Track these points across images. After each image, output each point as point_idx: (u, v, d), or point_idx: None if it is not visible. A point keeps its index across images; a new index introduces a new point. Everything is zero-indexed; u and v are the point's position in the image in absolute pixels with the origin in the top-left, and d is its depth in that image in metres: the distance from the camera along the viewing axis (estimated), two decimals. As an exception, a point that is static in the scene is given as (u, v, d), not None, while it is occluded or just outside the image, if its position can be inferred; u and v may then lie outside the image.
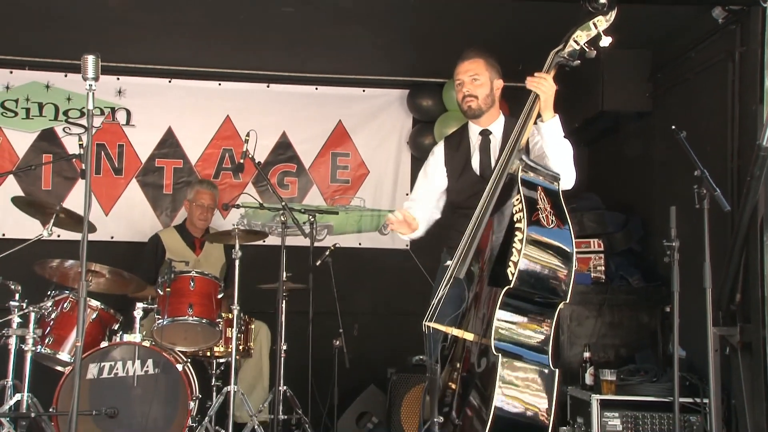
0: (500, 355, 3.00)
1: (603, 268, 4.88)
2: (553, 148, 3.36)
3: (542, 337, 3.13)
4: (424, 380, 3.71)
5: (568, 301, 3.12)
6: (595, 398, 4.16)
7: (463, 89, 3.58)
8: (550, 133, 3.35)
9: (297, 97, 6.09)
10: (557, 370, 3.10)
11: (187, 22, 5.00)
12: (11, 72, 5.78)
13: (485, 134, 3.62)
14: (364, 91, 6.14)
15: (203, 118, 6.04)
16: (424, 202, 3.69)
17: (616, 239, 5.07)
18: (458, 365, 3.28)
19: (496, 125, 3.62)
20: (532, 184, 3.18)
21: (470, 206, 3.39)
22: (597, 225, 5.08)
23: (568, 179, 3.38)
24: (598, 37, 3.25)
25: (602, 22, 3.24)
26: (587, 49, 3.27)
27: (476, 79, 3.56)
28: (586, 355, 4.44)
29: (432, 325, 3.26)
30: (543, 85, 3.28)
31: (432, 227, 3.75)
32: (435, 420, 3.07)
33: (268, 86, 6.08)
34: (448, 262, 3.39)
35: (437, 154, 3.72)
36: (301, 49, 5.51)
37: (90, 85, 3.15)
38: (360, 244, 6.07)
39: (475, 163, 3.60)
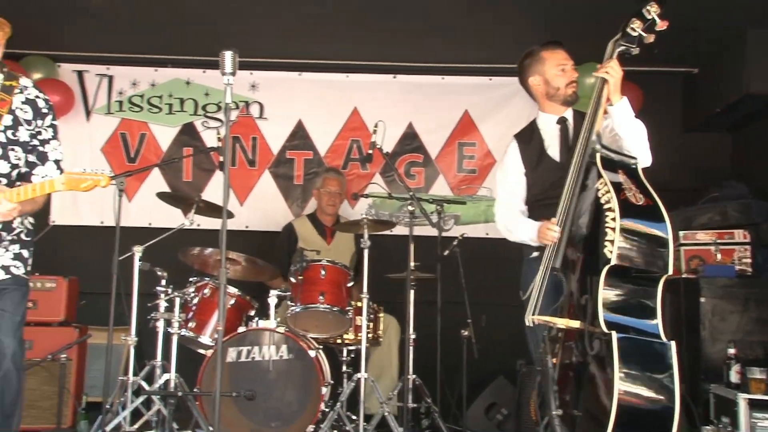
0: (613, 332, 2.96)
1: (749, 260, 4.66)
2: (627, 129, 3.37)
3: (651, 311, 3.11)
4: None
5: (669, 273, 3.09)
6: (743, 397, 3.99)
7: (569, 75, 3.62)
8: (622, 114, 3.37)
9: (423, 87, 6.13)
10: (673, 342, 3.04)
11: (316, 15, 5.13)
12: (156, 70, 6.12)
13: (563, 122, 3.64)
14: (490, 79, 6.09)
15: (332, 110, 6.17)
16: (519, 200, 3.66)
17: (763, 230, 4.83)
18: (567, 355, 3.24)
19: (569, 113, 3.66)
20: (612, 167, 3.21)
21: (550, 196, 3.41)
22: (742, 215, 4.87)
23: (644, 158, 3.38)
24: (653, 23, 3.24)
25: (655, 7, 3.22)
26: (644, 35, 3.26)
27: (573, 68, 3.64)
28: (731, 351, 4.26)
29: (537, 318, 3.24)
30: (612, 70, 3.30)
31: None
32: (554, 413, 3.04)
33: (394, 77, 6.14)
34: (534, 254, 3.43)
35: (511, 151, 3.71)
36: (427, 39, 5.54)
37: (227, 80, 3.28)
38: (487, 234, 6.03)
39: (552, 151, 3.61)
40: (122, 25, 5.39)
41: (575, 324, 3.16)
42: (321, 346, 4.72)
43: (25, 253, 3.35)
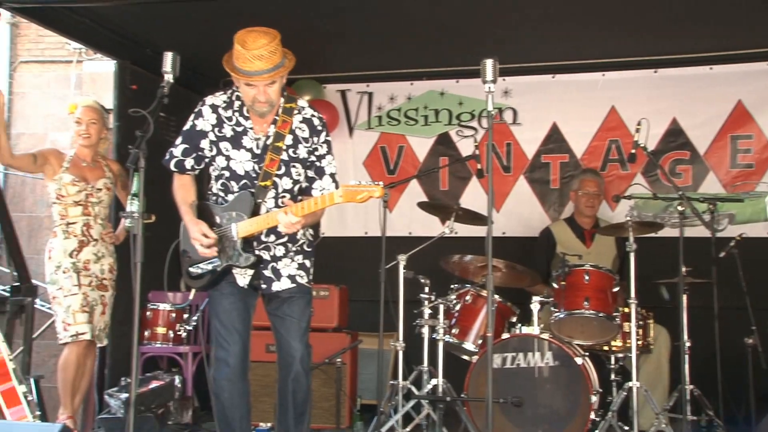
0: None
1: None
2: None
3: None
4: None
5: None
6: None
7: None
8: None
9: (688, 79, 5.78)
10: None
11: (567, 15, 5.03)
12: (411, 83, 6.36)
13: None
14: (768, 65, 5.61)
15: (587, 110, 6.02)
16: None
17: None
18: None
19: None
20: None
21: None
22: None
23: None
24: None
25: None
26: None
27: None
28: None
29: None
30: None
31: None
32: None
33: (655, 72, 5.86)
34: None
35: None
36: (690, 28, 5.21)
37: (488, 88, 3.32)
38: (770, 233, 5.54)
39: None
40: (380, 43, 5.65)
41: None
42: (587, 353, 4.59)
43: (308, 263, 3.63)
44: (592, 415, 4.26)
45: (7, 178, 7.57)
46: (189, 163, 3.57)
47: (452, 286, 4.83)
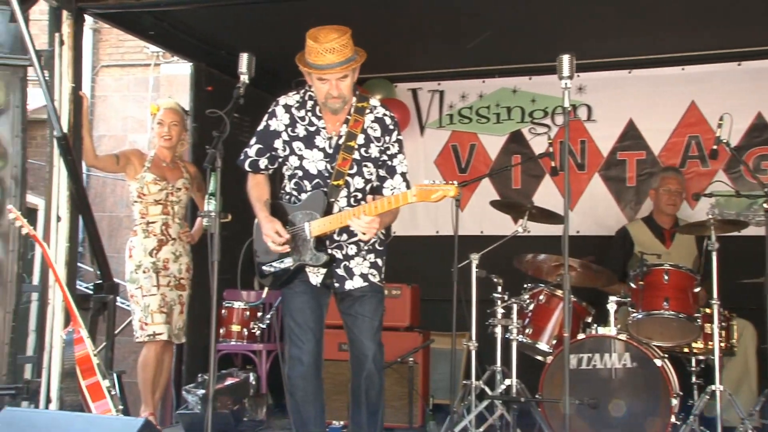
0: None
1: None
2: None
3: None
4: None
5: None
6: None
7: None
8: None
9: (776, 72, 5.57)
10: None
11: (644, 8, 4.90)
12: (483, 81, 6.31)
13: None
14: None
15: (665, 106, 5.86)
16: None
17: None
18: None
19: None
20: None
21: None
22: None
23: None
24: None
25: None
26: None
27: None
28: None
29: None
30: None
31: None
32: None
33: (738, 64, 5.67)
34: None
35: None
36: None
37: (565, 84, 3.28)
38: None
39: None
40: (451, 41, 5.61)
41: None
42: (666, 355, 4.47)
43: (380, 261, 3.63)
44: (673, 419, 4.14)
45: (89, 179, 7.84)
46: (263, 162, 3.61)
47: (525, 286, 4.77)
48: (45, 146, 4.43)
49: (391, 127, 3.58)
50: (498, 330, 4.59)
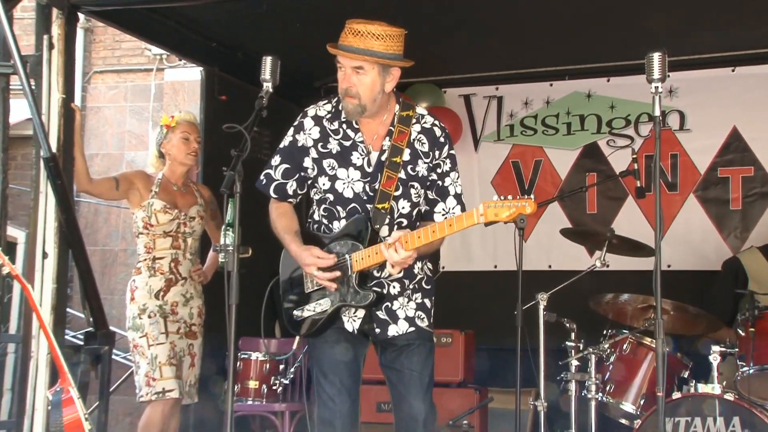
0: None
1: None
2: None
3: None
4: None
5: None
6: None
7: None
8: None
9: None
10: None
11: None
12: (551, 84, 6.34)
13: None
14: None
15: (778, 110, 5.84)
16: None
17: None
18: None
19: None
20: None
21: None
22: None
23: None
24: None
25: None
26: None
27: None
28: None
29: None
30: None
31: None
32: None
33: None
34: None
35: None
36: None
37: (655, 88, 3.26)
38: None
39: None
40: (511, 37, 5.62)
41: None
42: (785, 420, 4.38)
43: (428, 302, 3.62)
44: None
45: (79, 206, 7.74)
46: (291, 187, 3.60)
47: (605, 333, 4.76)
48: (28, 168, 4.49)
49: (442, 139, 3.59)
50: (572, 386, 4.58)
